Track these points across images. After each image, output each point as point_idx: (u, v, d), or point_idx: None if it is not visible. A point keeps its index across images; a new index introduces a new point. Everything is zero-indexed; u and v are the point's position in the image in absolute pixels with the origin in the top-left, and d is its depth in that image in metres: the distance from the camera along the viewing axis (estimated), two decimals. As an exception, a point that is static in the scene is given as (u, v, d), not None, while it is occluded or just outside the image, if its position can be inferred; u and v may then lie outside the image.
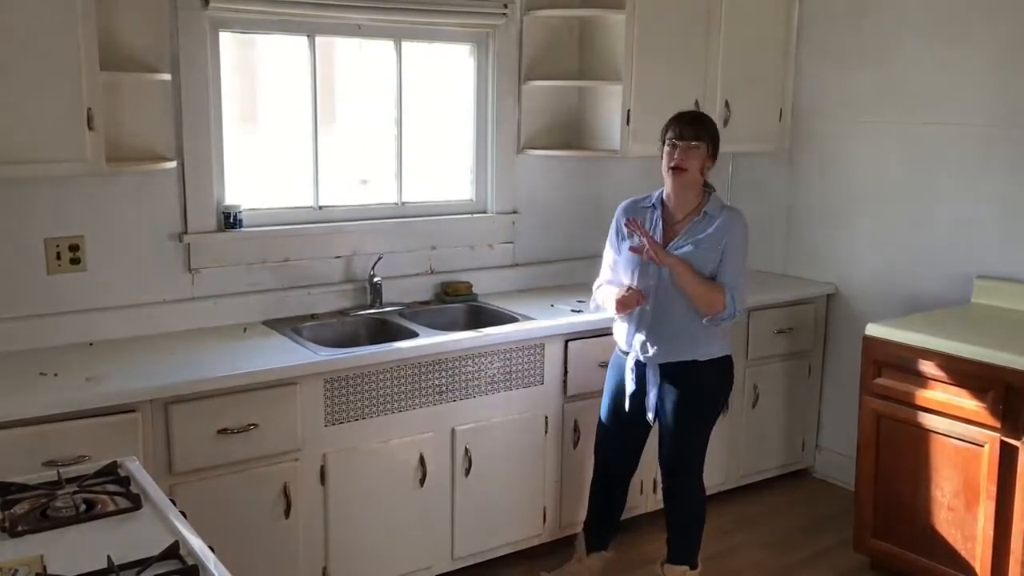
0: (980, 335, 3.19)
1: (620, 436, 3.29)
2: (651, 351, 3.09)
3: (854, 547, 3.55)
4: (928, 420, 3.23)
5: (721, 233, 3.04)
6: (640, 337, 3.11)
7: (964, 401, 3.12)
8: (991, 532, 3.08)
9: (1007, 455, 3.01)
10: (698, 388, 3.12)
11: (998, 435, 3.03)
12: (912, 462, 3.29)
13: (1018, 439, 2.98)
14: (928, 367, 3.21)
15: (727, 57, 4.06)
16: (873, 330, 3.38)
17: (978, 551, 3.12)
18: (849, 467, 3.77)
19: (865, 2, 4.04)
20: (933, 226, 3.85)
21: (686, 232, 3.08)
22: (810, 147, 4.33)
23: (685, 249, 3.04)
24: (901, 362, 3.27)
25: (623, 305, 3.08)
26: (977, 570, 3.12)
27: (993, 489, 3.06)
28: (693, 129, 3.03)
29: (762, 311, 4.02)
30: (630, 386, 3.17)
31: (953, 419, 3.15)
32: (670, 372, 3.10)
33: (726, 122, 4.08)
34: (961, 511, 3.16)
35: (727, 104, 4.09)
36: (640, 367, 3.14)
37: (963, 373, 3.11)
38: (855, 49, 4.09)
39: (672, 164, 3.04)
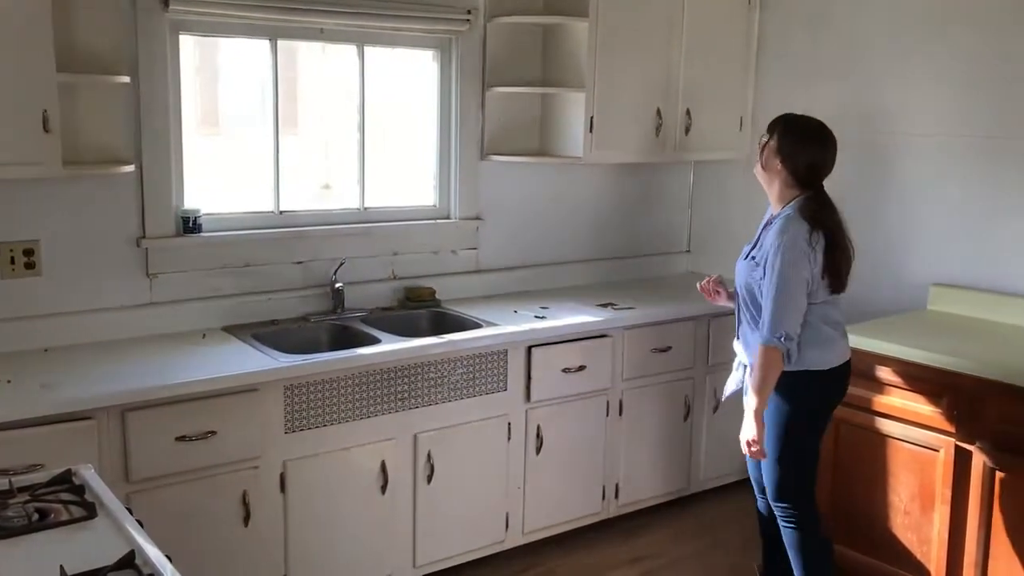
0: (935, 341, 3.25)
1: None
2: (739, 350, 3.08)
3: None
4: (884, 425, 3.28)
5: (764, 246, 2.90)
6: (736, 335, 3.12)
7: (919, 407, 3.17)
8: (946, 535, 3.13)
9: (961, 460, 3.07)
10: (771, 402, 2.92)
11: (952, 440, 3.09)
12: (869, 467, 3.34)
13: (972, 444, 3.03)
14: (884, 373, 3.26)
15: (689, 66, 4.10)
16: (830, 336, 3.42)
17: (933, 554, 3.17)
18: (808, 472, 3.80)
19: (825, 15, 4.10)
20: (890, 234, 3.91)
21: (758, 239, 2.98)
22: (770, 155, 4.37)
23: (743, 263, 3.00)
24: (857, 368, 3.32)
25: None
26: (932, 573, 3.17)
27: (948, 493, 3.11)
28: (770, 124, 3.00)
29: (721, 318, 4.06)
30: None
31: (909, 424, 3.20)
32: None
33: (687, 130, 4.13)
34: (917, 515, 3.21)
35: (688, 112, 4.12)
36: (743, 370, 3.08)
37: (918, 379, 3.16)
38: (815, 60, 4.15)
39: None
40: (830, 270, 2.87)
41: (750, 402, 2.88)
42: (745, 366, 3.04)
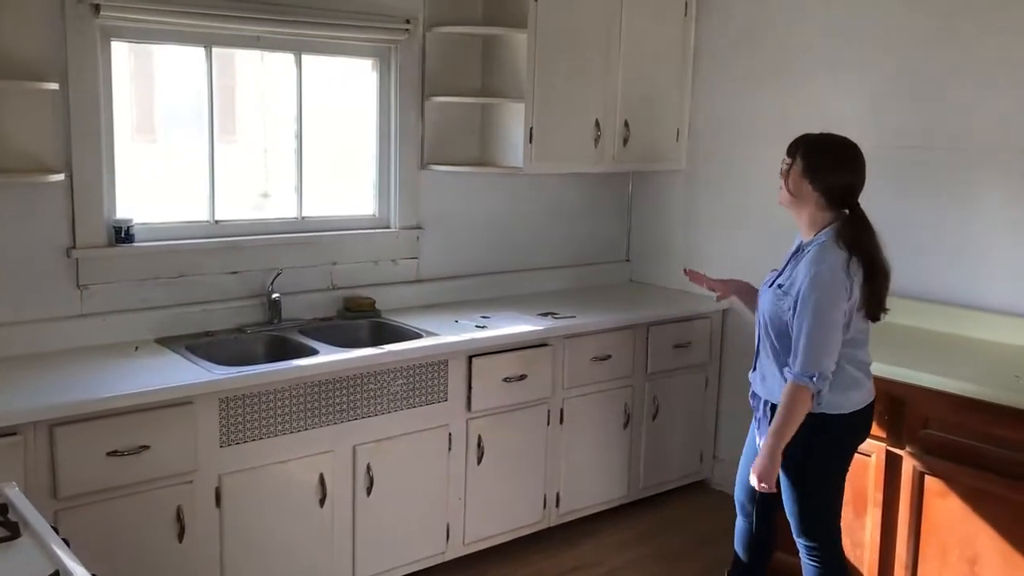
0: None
1: (745, 464, 3.02)
2: (755, 384, 2.89)
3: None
4: (819, 431, 3.33)
5: (796, 277, 2.67)
6: (753, 365, 2.92)
7: (852, 413, 3.23)
8: (878, 538, 3.20)
9: (892, 464, 3.14)
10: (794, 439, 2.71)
11: (884, 445, 3.16)
12: (804, 472, 3.39)
13: (902, 448, 3.11)
14: (818, 380, 3.31)
15: (627, 78, 4.15)
16: (767, 344, 3.48)
17: (866, 557, 3.24)
18: (745, 478, 3.86)
19: (759, 28, 4.18)
20: (823, 243, 3.98)
21: (783, 270, 2.78)
22: (707, 166, 4.45)
23: (770, 292, 2.78)
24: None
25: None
26: (865, 574, 3.24)
27: (880, 497, 3.18)
28: (792, 144, 2.78)
29: (660, 325, 4.11)
30: (754, 414, 2.94)
31: (842, 430, 3.26)
32: (772, 411, 2.77)
33: (625, 141, 4.17)
34: (850, 519, 3.27)
35: (627, 124, 4.17)
36: (756, 396, 2.90)
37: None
38: (749, 73, 4.23)
39: None
40: (869, 299, 2.67)
41: (769, 439, 2.70)
42: (764, 400, 2.83)
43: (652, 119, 4.30)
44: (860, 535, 3.25)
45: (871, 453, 3.18)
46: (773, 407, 2.76)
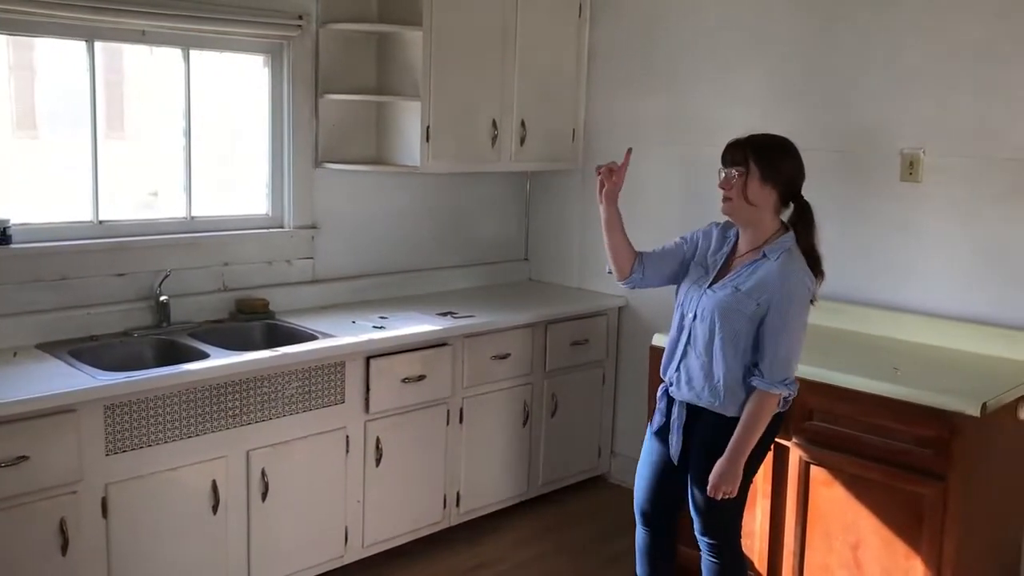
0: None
1: (648, 472, 2.97)
2: (675, 386, 2.83)
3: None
4: (711, 425, 3.42)
5: (766, 283, 2.63)
6: (672, 367, 2.84)
7: (742, 406, 3.33)
8: (767, 527, 3.30)
9: (779, 455, 3.24)
10: (713, 445, 2.73)
11: (772, 437, 3.26)
12: (697, 465, 3.47)
13: (788, 440, 3.21)
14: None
15: (522, 78, 4.17)
16: (659, 340, 3.54)
17: (756, 546, 3.33)
18: (642, 472, 3.93)
19: (652, 31, 4.26)
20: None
21: (736, 271, 2.71)
22: (603, 166, 4.50)
23: (723, 292, 2.70)
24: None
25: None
26: (755, 563, 3.34)
27: (768, 488, 3.28)
28: (731, 152, 2.69)
29: (558, 323, 4.15)
30: (657, 418, 2.90)
31: (732, 423, 3.36)
32: (694, 415, 2.79)
33: (523, 140, 4.20)
34: (741, 509, 3.37)
35: (523, 123, 4.19)
36: (670, 400, 2.86)
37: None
38: (643, 75, 4.30)
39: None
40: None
41: (739, 449, 2.67)
42: (680, 403, 2.81)
43: (548, 119, 4.34)
44: (751, 525, 3.34)
45: (760, 445, 3.28)
46: (695, 410, 2.78)
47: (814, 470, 3.17)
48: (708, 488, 2.73)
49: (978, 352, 3.36)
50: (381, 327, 3.63)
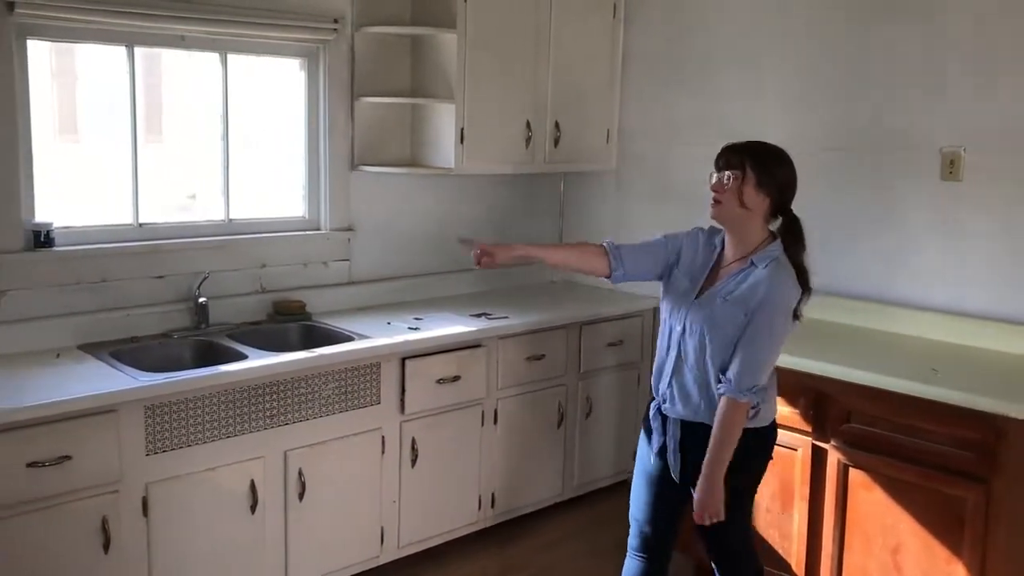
0: (793, 345, 3.35)
1: (644, 492, 2.87)
2: (669, 403, 2.73)
3: (680, 550, 3.68)
4: (747, 427, 3.40)
5: (752, 292, 2.55)
6: (664, 384, 2.75)
7: (780, 408, 3.29)
8: (805, 530, 3.27)
9: (817, 458, 3.21)
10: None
11: (810, 439, 3.23)
12: (733, 467, 3.45)
13: (827, 442, 3.18)
14: (746, 376, 3.37)
15: (556, 79, 4.17)
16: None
17: (794, 549, 3.31)
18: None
19: (684, 34, 4.24)
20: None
21: (724, 281, 2.63)
22: (636, 167, 4.49)
23: (710, 304, 2.62)
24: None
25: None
26: (793, 566, 3.31)
27: (806, 490, 3.25)
28: (726, 156, 2.62)
29: (592, 325, 4.14)
30: (656, 438, 2.78)
31: (769, 425, 3.33)
32: (691, 432, 2.68)
33: (557, 142, 4.20)
34: (778, 512, 3.34)
35: (557, 125, 4.19)
36: (664, 418, 2.76)
37: (778, 381, 3.29)
38: (676, 76, 4.28)
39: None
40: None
41: (714, 468, 2.57)
42: (675, 420, 2.71)
43: (582, 120, 4.33)
44: (788, 528, 3.32)
45: (797, 447, 3.25)
46: (689, 427, 2.68)
47: (852, 473, 3.14)
48: (694, 516, 2.63)
49: (1017, 353, 3.31)
50: (416, 328, 3.64)
